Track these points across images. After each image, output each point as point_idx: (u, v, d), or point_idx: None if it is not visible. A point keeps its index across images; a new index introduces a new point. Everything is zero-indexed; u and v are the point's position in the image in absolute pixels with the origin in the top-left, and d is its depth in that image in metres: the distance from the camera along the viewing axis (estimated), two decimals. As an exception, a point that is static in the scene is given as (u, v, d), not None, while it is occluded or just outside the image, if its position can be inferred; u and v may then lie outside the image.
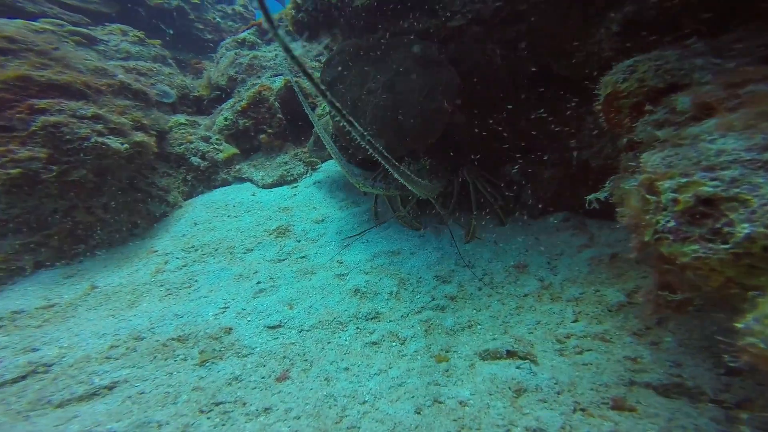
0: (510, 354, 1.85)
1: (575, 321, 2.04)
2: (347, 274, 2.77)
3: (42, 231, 3.06)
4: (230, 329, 2.28)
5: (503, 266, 2.66)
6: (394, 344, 2.10)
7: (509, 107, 2.93)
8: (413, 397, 1.71)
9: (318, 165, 4.79)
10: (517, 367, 1.75)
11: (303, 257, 3.07)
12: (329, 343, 2.14)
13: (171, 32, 7.52)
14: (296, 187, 4.37)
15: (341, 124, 3.32)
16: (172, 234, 3.59)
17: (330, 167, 4.68)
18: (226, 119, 5.06)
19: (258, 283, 2.75)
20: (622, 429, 1.38)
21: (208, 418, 1.70)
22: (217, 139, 4.93)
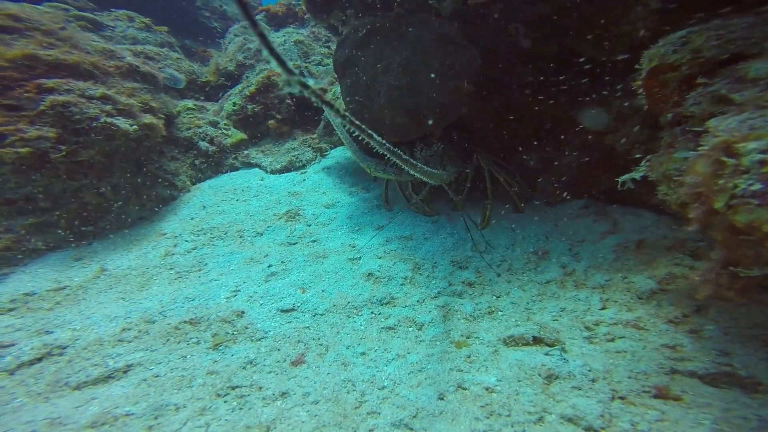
0: (537, 341, 1.77)
1: (603, 308, 1.95)
2: (360, 259, 2.70)
3: (52, 211, 3.01)
4: (242, 312, 2.22)
5: (522, 252, 2.57)
6: (411, 329, 2.04)
7: (528, 91, 2.82)
8: (435, 383, 1.64)
9: (327, 151, 4.70)
10: (546, 354, 1.67)
11: (314, 241, 3.00)
12: (344, 328, 2.08)
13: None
14: (305, 173, 4.29)
15: (351, 106, 3.18)
16: (181, 217, 3.54)
17: (339, 153, 4.59)
18: (235, 104, 4.98)
19: (269, 267, 2.69)
20: (671, 418, 1.29)
21: (225, 402, 1.65)
22: (226, 124, 4.85)
